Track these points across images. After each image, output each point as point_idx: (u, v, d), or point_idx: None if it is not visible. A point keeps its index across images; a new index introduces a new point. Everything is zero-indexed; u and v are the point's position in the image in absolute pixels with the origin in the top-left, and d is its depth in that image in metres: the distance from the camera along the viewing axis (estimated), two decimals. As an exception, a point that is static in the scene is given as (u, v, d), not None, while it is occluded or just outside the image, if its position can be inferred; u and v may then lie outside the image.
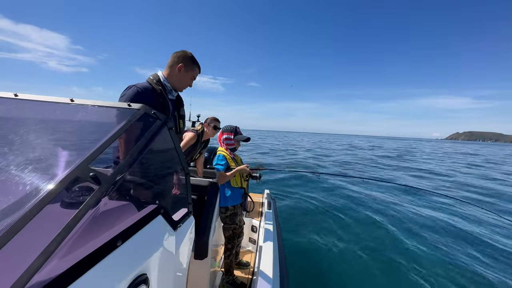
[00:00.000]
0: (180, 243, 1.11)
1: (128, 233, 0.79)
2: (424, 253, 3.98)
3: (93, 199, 0.67)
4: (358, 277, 3.33)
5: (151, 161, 1.02)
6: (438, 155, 27.28)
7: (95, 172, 0.72)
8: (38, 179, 0.68)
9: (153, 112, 1.03)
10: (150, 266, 0.86)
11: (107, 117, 1.04)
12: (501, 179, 12.47)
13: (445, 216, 5.95)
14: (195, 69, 1.61)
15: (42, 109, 0.98)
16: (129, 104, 1.00)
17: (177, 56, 1.55)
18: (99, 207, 0.72)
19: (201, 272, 1.83)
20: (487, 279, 3.40)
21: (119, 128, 0.88)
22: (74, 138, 0.94)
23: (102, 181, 0.71)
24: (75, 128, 0.97)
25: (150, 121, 1.02)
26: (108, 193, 0.75)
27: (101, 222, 0.73)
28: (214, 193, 2.00)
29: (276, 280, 1.65)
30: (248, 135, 2.31)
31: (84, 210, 0.65)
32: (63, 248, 0.59)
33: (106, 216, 0.76)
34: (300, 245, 4.14)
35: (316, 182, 8.48)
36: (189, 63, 1.57)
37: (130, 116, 0.95)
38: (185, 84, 1.63)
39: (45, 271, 0.54)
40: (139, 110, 0.99)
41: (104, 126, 0.96)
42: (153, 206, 0.96)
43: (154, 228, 0.92)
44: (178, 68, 1.53)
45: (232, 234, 2.22)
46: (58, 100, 0.99)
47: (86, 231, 0.67)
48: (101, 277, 0.67)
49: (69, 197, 0.75)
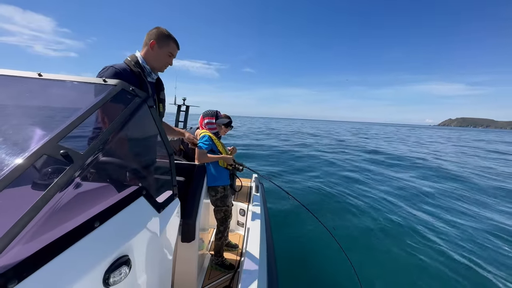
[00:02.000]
0: (164, 225, 1.08)
1: (106, 215, 0.76)
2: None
3: (64, 177, 0.63)
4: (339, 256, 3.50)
5: (130, 141, 0.96)
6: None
7: (66, 150, 0.66)
8: (0, 158, 0.62)
9: (132, 89, 0.96)
10: (132, 248, 0.84)
11: (80, 93, 0.97)
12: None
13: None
14: (170, 44, 1.49)
15: (5, 83, 0.89)
16: (104, 79, 0.93)
17: (149, 34, 1.46)
18: (73, 187, 0.68)
19: (189, 255, 1.83)
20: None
21: (94, 104, 0.82)
22: (43, 115, 0.87)
23: (74, 159, 0.66)
24: (43, 105, 0.90)
25: (128, 98, 0.96)
26: (83, 173, 0.70)
27: (76, 203, 0.69)
28: (201, 175, 1.97)
29: (263, 260, 1.69)
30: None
31: (54, 190, 0.60)
32: (32, 229, 0.55)
33: (81, 197, 0.72)
34: (286, 227, 4.26)
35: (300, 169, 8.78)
36: (162, 38, 1.45)
37: (106, 93, 0.88)
38: (163, 63, 1.51)
39: (10, 254, 0.50)
40: (116, 86, 0.92)
41: (77, 103, 0.89)
42: (134, 187, 0.92)
43: (136, 210, 0.89)
44: (150, 45, 1.44)
45: (224, 216, 2.22)
46: (23, 75, 0.90)
47: (58, 212, 0.62)
48: (77, 259, 0.64)
49: (41, 178, 0.69)
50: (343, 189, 6.77)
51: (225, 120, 2.27)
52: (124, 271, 0.77)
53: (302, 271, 3.16)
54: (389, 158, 12.80)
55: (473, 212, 5.52)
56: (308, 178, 7.83)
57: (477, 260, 3.60)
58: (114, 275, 0.73)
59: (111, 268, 0.73)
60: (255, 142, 17.94)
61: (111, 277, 0.72)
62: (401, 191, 6.82)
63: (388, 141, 24.81)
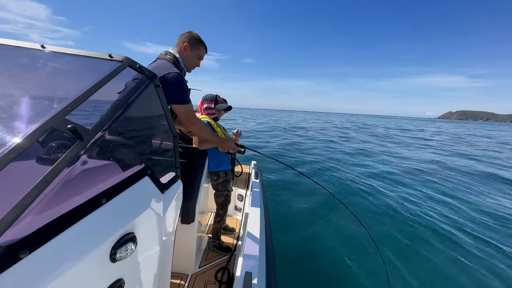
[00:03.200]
0: (167, 206, 1.09)
1: (113, 192, 0.76)
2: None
3: (73, 152, 0.62)
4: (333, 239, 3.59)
5: (135, 120, 0.95)
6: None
7: (74, 125, 0.65)
8: (5, 131, 0.61)
9: (138, 66, 0.94)
10: (137, 226, 0.84)
11: (86, 68, 0.94)
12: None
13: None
14: (201, 48, 1.68)
15: (6, 54, 0.85)
16: (110, 55, 0.90)
17: (182, 36, 1.62)
18: (79, 163, 0.67)
19: (188, 236, 1.87)
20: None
21: (100, 80, 0.80)
22: (48, 89, 0.84)
23: (82, 134, 0.65)
24: (48, 78, 0.87)
25: (135, 76, 0.93)
26: (89, 149, 0.69)
27: (83, 179, 0.69)
28: (202, 159, 1.97)
29: (263, 244, 1.72)
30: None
31: (62, 164, 0.59)
32: (41, 203, 0.55)
33: (87, 174, 0.71)
34: (284, 214, 4.34)
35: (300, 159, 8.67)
36: (194, 42, 1.63)
37: (112, 69, 0.86)
38: (193, 64, 1.69)
39: (21, 225, 0.50)
40: (122, 62, 0.89)
41: (83, 78, 0.86)
42: (139, 167, 0.91)
43: (141, 189, 0.89)
44: (184, 47, 1.60)
45: (225, 201, 2.26)
46: (26, 45, 0.86)
47: (66, 187, 0.62)
48: (86, 234, 0.65)
49: (46, 153, 0.68)
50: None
51: (224, 106, 2.25)
52: (130, 248, 0.78)
53: (300, 257, 3.24)
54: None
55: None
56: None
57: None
58: (120, 251, 0.74)
59: (117, 244, 0.74)
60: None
61: (118, 253, 0.73)
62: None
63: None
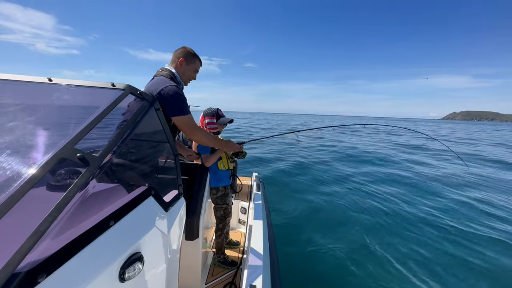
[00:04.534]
0: (171, 224, 1.12)
1: (120, 214, 0.80)
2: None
3: (82, 179, 0.67)
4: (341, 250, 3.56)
5: (139, 143, 1.00)
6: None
7: (82, 153, 0.70)
8: (21, 162, 0.66)
9: (139, 92, 1.00)
10: (143, 246, 0.88)
11: (91, 97, 1.00)
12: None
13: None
14: (196, 62, 1.77)
15: (19, 89, 0.92)
16: (113, 84, 0.97)
17: (177, 52, 1.71)
18: (89, 189, 0.72)
19: (193, 253, 1.88)
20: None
21: (105, 108, 0.86)
22: (57, 120, 0.90)
23: (90, 161, 0.70)
24: (56, 109, 0.93)
25: (137, 102, 1.00)
26: (97, 175, 0.74)
27: (92, 203, 0.73)
28: (204, 175, 2.01)
29: (266, 257, 1.73)
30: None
31: (74, 191, 0.64)
32: (55, 228, 0.59)
33: (96, 198, 0.75)
34: (287, 226, 4.32)
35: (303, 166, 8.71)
36: (189, 56, 1.71)
37: (115, 97, 0.92)
38: (189, 77, 1.78)
39: (38, 251, 0.54)
40: (124, 90, 0.96)
41: (88, 107, 0.93)
42: (143, 187, 0.96)
43: (146, 209, 0.93)
44: (179, 62, 1.68)
45: (224, 214, 2.27)
46: (36, 80, 0.93)
47: (77, 212, 0.66)
48: (96, 255, 0.68)
49: (55, 180, 0.73)
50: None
51: (226, 120, 2.30)
52: (138, 267, 0.81)
53: (304, 267, 3.22)
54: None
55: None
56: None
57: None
58: (128, 270, 0.77)
59: (126, 264, 0.77)
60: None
61: (126, 273, 0.76)
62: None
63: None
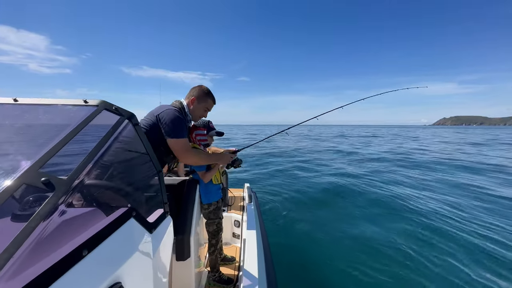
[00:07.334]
0: (157, 245, 1.04)
1: (95, 241, 0.72)
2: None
3: (47, 206, 0.60)
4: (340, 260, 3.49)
5: (116, 161, 0.93)
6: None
7: (48, 177, 0.63)
8: None
9: (114, 108, 0.94)
10: (124, 275, 0.80)
11: (62, 116, 0.94)
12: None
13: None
14: (208, 101, 1.89)
15: None
16: (85, 100, 0.91)
17: (192, 90, 1.85)
18: (58, 215, 0.64)
19: (186, 273, 1.77)
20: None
21: (75, 127, 0.79)
22: (22, 142, 0.83)
23: (56, 186, 0.63)
24: (22, 131, 0.86)
25: (112, 118, 0.94)
26: (66, 199, 0.66)
27: (61, 232, 0.66)
28: (192, 190, 1.93)
29: (262, 272, 1.65)
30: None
31: (36, 221, 0.57)
32: (13, 266, 0.51)
33: (66, 225, 0.68)
34: (283, 236, 4.22)
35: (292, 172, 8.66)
36: (202, 95, 1.84)
37: (88, 114, 0.86)
38: (198, 115, 1.89)
39: None
40: (98, 107, 0.90)
41: (59, 127, 0.86)
42: (123, 209, 0.88)
43: (126, 233, 0.85)
44: (191, 100, 1.81)
45: (217, 229, 2.17)
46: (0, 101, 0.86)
47: (42, 244, 0.59)
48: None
49: (21, 209, 0.66)
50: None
51: (216, 132, 2.25)
52: None
53: (302, 276, 3.12)
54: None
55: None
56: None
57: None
58: None
59: None
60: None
61: None
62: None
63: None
